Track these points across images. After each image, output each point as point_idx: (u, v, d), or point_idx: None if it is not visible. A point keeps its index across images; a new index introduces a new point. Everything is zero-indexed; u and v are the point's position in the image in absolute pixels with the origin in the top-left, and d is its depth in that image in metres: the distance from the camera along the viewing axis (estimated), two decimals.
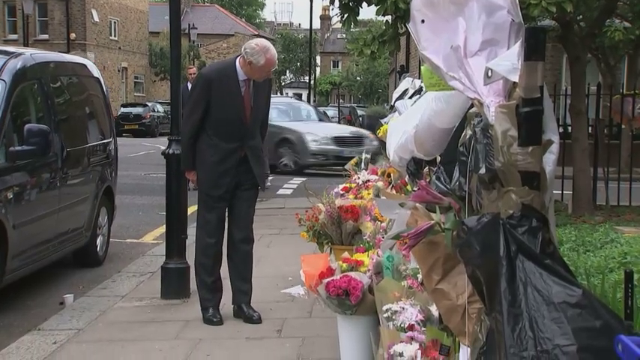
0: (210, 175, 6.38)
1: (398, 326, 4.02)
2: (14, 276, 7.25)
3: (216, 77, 6.41)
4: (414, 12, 2.79)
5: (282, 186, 18.53)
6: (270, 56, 6.22)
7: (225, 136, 6.33)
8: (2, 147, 7.09)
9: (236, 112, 6.31)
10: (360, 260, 5.59)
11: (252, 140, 6.48)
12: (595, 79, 16.41)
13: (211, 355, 5.71)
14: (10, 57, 7.89)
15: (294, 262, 6.60)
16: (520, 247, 2.41)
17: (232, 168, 6.36)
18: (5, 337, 6.37)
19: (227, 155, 6.34)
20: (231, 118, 6.32)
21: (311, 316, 6.55)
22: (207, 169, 6.39)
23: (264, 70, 6.28)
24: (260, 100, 6.47)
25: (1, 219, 6.84)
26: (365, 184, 8.71)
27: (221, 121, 6.32)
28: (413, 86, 6.02)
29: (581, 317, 2.32)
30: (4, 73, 7.54)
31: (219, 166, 6.34)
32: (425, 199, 3.16)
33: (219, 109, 6.28)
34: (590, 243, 6.79)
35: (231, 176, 6.37)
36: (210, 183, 6.40)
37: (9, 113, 7.30)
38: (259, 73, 6.29)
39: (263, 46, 6.26)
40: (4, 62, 7.70)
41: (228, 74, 6.33)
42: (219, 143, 6.33)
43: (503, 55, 2.53)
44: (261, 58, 6.16)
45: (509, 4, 2.63)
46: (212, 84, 6.31)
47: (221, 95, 6.27)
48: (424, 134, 3.74)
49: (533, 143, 2.46)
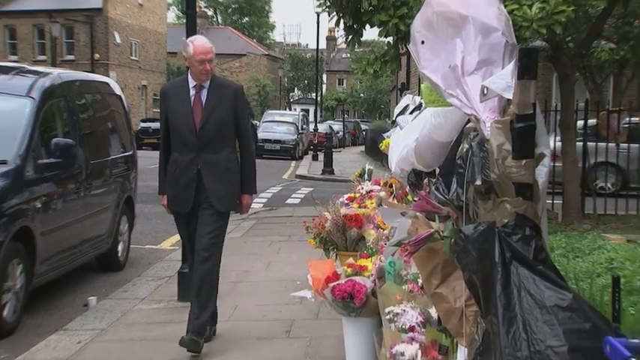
0: (171, 191, 5.86)
1: (399, 327, 4.01)
2: (42, 280, 7.27)
3: (170, 88, 6.06)
4: (414, 33, 2.80)
5: (290, 195, 18.54)
6: (198, 43, 5.71)
7: (179, 148, 5.77)
8: (31, 159, 7.10)
9: (185, 119, 5.71)
10: (364, 265, 5.58)
11: (210, 154, 5.73)
12: (583, 96, 16.42)
13: (225, 353, 5.70)
14: (39, 76, 7.94)
15: (302, 267, 6.60)
16: (514, 253, 2.41)
17: (191, 182, 5.70)
18: (35, 336, 6.38)
19: (183, 169, 5.73)
20: (181, 126, 5.73)
21: (318, 317, 6.54)
22: (169, 185, 5.86)
23: (197, 60, 5.64)
24: (218, 109, 5.72)
25: (30, 226, 6.86)
26: (368, 194, 8.70)
27: (175, 131, 5.77)
28: (413, 102, 6.01)
29: (571, 320, 2.31)
30: (33, 91, 7.57)
31: (177, 181, 5.77)
32: (425, 208, 3.16)
33: (173, 119, 5.77)
34: (579, 249, 6.78)
35: (190, 191, 5.72)
36: (171, 199, 5.87)
37: (38, 128, 7.32)
38: (196, 68, 5.68)
39: (192, 37, 5.94)
40: (34, 81, 7.75)
41: (181, 84, 5.90)
42: (176, 157, 5.77)
43: (498, 74, 2.53)
44: (189, 47, 5.67)
45: (504, 26, 2.63)
46: (167, 95, 5.88)
47: (173, 105, 5.79)
48: (424, 147, 3.74)
49: (526, 156, 2.45)
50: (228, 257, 9.46)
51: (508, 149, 2.45)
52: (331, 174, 24.76)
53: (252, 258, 9.58)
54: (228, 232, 11.65)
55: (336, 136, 45.03)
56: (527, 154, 2.46)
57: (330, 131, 38.57)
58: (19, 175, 6.90)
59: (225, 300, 7.28)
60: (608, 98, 20.40)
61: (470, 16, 2.64)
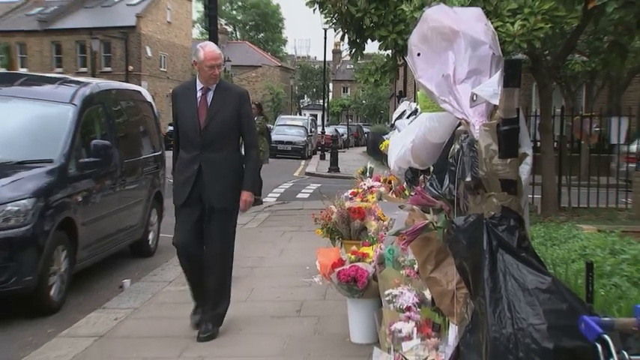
0: (175, 185, 5.53)
1: (397, 307, 4.01)
2: (83, 264, 7.29)
3: (180, 90, 5.67)
4: (411, 47, 2.79)
5: (300, 191, 18.53)
6: (208, 49, 5.41)
7: (185, 145, 5.46)
8: (73, 159, 7.12)
9: (190, 118, 5.40)
10: (366, 253, 5.57)
11: (212, 153, 5.39)
12: (559, 103, 16.41)
13: (243, 330, 5.70)
14: (81, 86, 7.96)
15: (311, 254, 6.60)
16: (500, 242, 2.40)
17: (191, 177, 5.36)
18: (77, 313, 6.39)
19: (186, 165, 5.42)
20: (187, 125, 5.43)
21: (325, 298, 6.52)
22: (174, 179, 5.56)
23: (208, 64, 5.34)
24: (222, 111, 5.41)
25: (73, 217, 6.88)
26: (370, 189, 8.69)
27: (182, 129, 5.47)
28: (409, 108, 5.99)
29: (550, 301, 2.31)
30: (75, 98, 7.59)
31: (180, 176, 5.46)
32: (420, 202, 3.15)
33: (181, 119, 5.48)
34: (556, 238, 6.74)
35: (191, 186, 5.37)
36: (174, 191, 5.53)
37: (79, 131, 7.34)
38: (205, 72, 5.38)
39: (202, 43, 5.58)
40: (76, 90, 7.77)
41: (189, 87, 5.57)
42: (182, 154, 5.48)
43: (485, 82, 2.52)
44: (200, 52, 5.37)
45: (491, 40, 2.63)
46: (177, 96, 5.58)
47: (182, 106, 5.49)
48: (420, 148, 3.72)
49: (511, 156, 2.45)
50: (245, 245, 9.49)
51: (495, 149, 2.44)
52: (337, 172, 24.74)
53: (266, 246, 9.58)
54: (245, 223, 11.76)
55: (341, 138, 45.00)
56: (511, 154, 2.45)
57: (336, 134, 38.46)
58: (63, 172, 6.91)
59: (242, 283, 7.29)
60: (581, 105, 20.36)
61: (461, 31, 2.63)
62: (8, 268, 6.05)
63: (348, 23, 10.14)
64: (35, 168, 6.73)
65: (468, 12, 2.77)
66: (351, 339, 5.31)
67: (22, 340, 5.76)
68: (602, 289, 4.43)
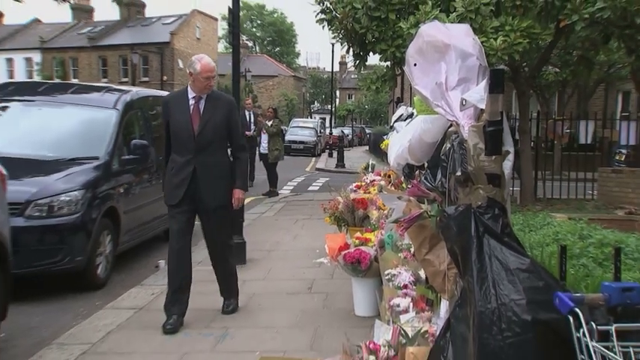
0: (168, 187, 5.14)
1: (396, 285, 3.99)
2: (124, 247, 7.31)
3: (171, 99, 5.35)
4: (408, 58, 2.77)
5: (311, 184, 18.51)
6: (205, 62, 5.05)
7: (178, 150, 5.07)
8: (116, 156, 7.13)
9: (185, 125, 5.03)
10: (368, 238, 5.56)
11: (206, 157, 5.06)
12: (535, 108, 16.33)
13: (262, 304, 5.70)
14: (122, 93, 7.97)
15: (321, 239, 6.58)
16: (486, 228, 2.39)
17: (186, 179, 5.02)
18: (120, 288, 6.42)
19: (180, 168, 5.04)
20: (181, 131, 5.04)
21: (333, 278, 6.52)
22: (167, 182, 5.16)
23: (204, 76, 5.03)
24: (214, 118, 5.08)
25: (116, 206, 6.90)
26: (372, 182, 8.67)
27: (175, 135, 5.08)
28: (406, 112, 5.96)
29: (529, 279, 2.30)
30: (118, 104, 7.61)
31: (174, 178, 5.06)
32: (416, 193, 3.13)
33: (174, 125, 5.08)
34: (533, 225, 6.69)
35: (185, 188, 5.03)
36: (167, 194, 5.16)
37: (121, 132, 7.35)
38: (201, 83, 5.04)
39: (198, 56, 5.17)
40: (118, 97, 7.79)
41: (181, 95, 5.20)
42: (175, 157, 5.08)
43: (473, 89, 2.50)
44: (197, 64, 5.01)
45: (478, 52, 2.60)
46: (169, 105, 5.20)
47: (174, 113, 5.10)
48: (415, 146, 3.70)
49: (495, 153, 2.43)
50: (263, 232, 9.50)
51: (482, 147, 2.43)
52: (343, 167, 24.69)
53: (282, 232, 9.58)
54: (263, 212, 11.76)
55: (347, 138, 44.86)
56: (496, 152, 2.44)
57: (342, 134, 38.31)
58: (108, 167, 6.92)
59: (261, 264, 7.29)
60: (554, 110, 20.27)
61: (452, 44, 2.61)
62: (62, 249, 6.09)
63: (352, 38, 10.09)
64: (84, 164, 6.75)
65: (458, 28, 2.75)
66: (356, 312, 5.31)
67: (75, 310, 5.79)
68: (572, 269, 4.40)
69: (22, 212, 5.90)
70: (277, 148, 14.36)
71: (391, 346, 3.06)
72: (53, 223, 6.05)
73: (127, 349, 4.47)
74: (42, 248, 6.02)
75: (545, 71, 15.22)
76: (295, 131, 36.96)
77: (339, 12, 9.96)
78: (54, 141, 7.11)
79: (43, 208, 6.04)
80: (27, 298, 5.95)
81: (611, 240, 5.25)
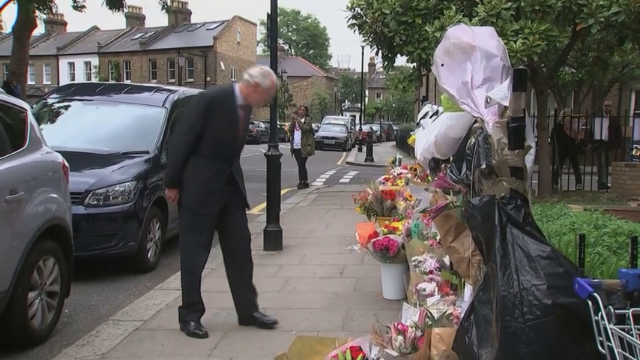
0: (200, 193, 4.38)
1: (422, 271, 3.97)
2: (171, 233, 7.37)
3: (217, 99, 4.46)
4: (436, 59, 2.74)
5: (342, 176, 18.49)
6: (273, 79, 4.50)
7: (218, 156, 4.39)
8: (164, 150, 7.20)
9: (232, 135, 4.44)
10: (396, 227, 5.54)
11: (236, 162, 4.59)
12: (553, 106, 16.05)
13: (297, 287, 5.71)
14: (170, 93, 8.04)
15: (351, 228, 6.58)
16: (509, 218, 2.36)
17: (222, 187, 4.42)
18: (168, 271, 6.49)
19: (217, 174, 4.40)
20: (227, 140, 4.43)
21: (362, 263, 6.51)
22: (197, 188, 4.38)
23: (268, 93, 4.51)
24: (248, 124, 4.66)
25: (164, 196, 6.90)
26: (399, 175, 8.62)
27: (217, 141, 4.36)
28: (431, 110, 5.90)
29: (549, 266, 2.27)
30: (166, 102, 7.68)
31: (209, 185, 4.37)
32: (442, 185, 3.10)
33: (217, 130, 4.34)
34: (550, 216, 6.58)
35: (220, 195, 4.43)
36: (200, 200, 4.38)
37: (169, 128, 7.42)
38: (263, 96, 4.50)
39: (267, 70, 4.53)
40: (167, 96, 7.86)
41: (229, 98, 4.42)
42: (210, 162, 4.37)
43: (497, 87, 2.46)
44: (267, 79, 4.42)
45: (502, 53, 2.56)
46: (214, 105, 4.38)
47: (220, 117, 4.35)
48: (441, 141, 3.66)
49: (518, 147, 2.40)
50: (298, 220, 9.53)
51: (505, 142, 2.39)
52: (371, 161, 24.59)
53: (315, 220, 9.59)
54: (298, 202, 11.78)
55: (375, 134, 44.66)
56: (519, 146, 2.40)
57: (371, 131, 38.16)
58: (157, 161, 7.00)
59: (296, 250, 7.31)
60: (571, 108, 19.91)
61: (477, 46, 2.57)
62: (117, 235, 6.19)
63: (381, 41, 10.03)
64: (136, 158, 6.84)
65: (482, 30, 2.71)
66: (384, 296, 5.29)
67: (128, 290, 5.89)
68: (587, 257, 4.31)
69: (82, 201, 6.01)
70: (309, 143, 14.39)
71: (418, 327, 3.04)
72: (109, 211, 6.15)
73: (175, 326, 4.52)
74: (99, 234, 6.12)
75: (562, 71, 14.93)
76: (327, 128, 36.98)
77: (369, 17, 9.90)
78: (109, 136, 7.21)
79: (100, 198, 6.14)
80: (86, 279, 6.07)
81: (624, 230, 5.14)
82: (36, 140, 4.77)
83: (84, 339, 4.33)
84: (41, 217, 4.39)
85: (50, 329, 4.55)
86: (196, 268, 4.52)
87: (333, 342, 3.10)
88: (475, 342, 2.40)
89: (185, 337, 4.34)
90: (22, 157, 4.45)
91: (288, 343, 3.71)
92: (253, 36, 57.07)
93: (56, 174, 4.82)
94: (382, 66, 11.45)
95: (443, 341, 2.87)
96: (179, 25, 53.33)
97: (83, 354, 4.02)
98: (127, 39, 53.51)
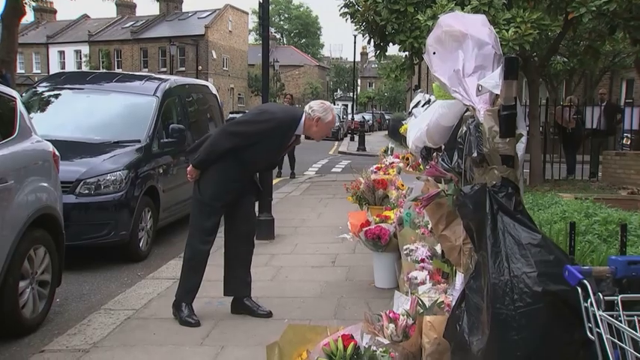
0: (219, 189, 4.39)
1: (413, 259, 3.98)
2: (163, 223, 7.38)
3: (284, 127, 4.37)
4: (428, 47, 2.73)
5: (334, 165, 18.50)
6: (334, 114, 4.50)
7: (252, 167, 4.50)
8: (156, 139, 7.18)
9: (275, 155, 4.66)
10: (388, 215, 5.54)
11: None
12: (544, 95, 16.10)
13: (289, 276, 5.72)
14: (161, 82, 8.01)
15: (343, 217, 6.58)
16: (500, 206, 2.36)
17: (241, 186, 4.48)
18: (159, 260, 6.50)
19: (242, 178, 4.46)
20: (269, 158, 4.59)
21: (354, 252, 6.52)
22: (217, 184, 4.39)
23: (328, 127, 4.47)
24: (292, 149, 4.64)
25: (155, 186, 6.96)
26: (391, 164, 8.63)
27: (260, 156, 4.42)
28: (423, 99, 5.89)
29: (540, 253, 2.28)
30: (157, 91, 7.64)
31: (230, 184, 4.40)
32: (434, 174, 3.10)
33: (265, 148, 4.36)
34: (541, 204, 6.61)
35: (237, 191, 4.47)
36: (215, 195, 4.39)
37: (160, 117, 7.39)
38: (323, 130, 4.44)
39: (328, 105, 4.50)
40: (158, 85, 7.82)
41: (292, 127, 4.37)
42: (242, 168, 4.40)
43: (489, 75, 2.46)
44: (329, 114, 4.39)
45: (493, 41, 2.55)
46: (278, 131, 4.34)
47: (274, 140, 4.37)
48: (433, 130, 3.65)
49: (509, 136, 2.40)
50: (290, 209, 9.52)
51: (496, 130, 2.39)
52: (364, 150, 24.63)
53: (307, 210, 9.60)
54: (290, 191, 11.78)
55: (367, 124, 44.69)
56: (510, 134, 2.40)
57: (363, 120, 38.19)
58: (148, 150, 6.98)
59: (288, 239, 7.32)
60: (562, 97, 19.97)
61: (469, 34, 2.56)
62: (108, 224, 6.17)
63: (373, 30, 9.99)
64: (127, 146, 6.81)
65: (474, 18, 2.69)
66: (376, 284, 5.31)
67: (119, 280, 5.88)
68: (578, 245, 4.34)
69: (73, 190, 5.98)
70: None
71: (409, 315, 3.05)
72: (100, 200, 6.13)
73: (167, 315, 4.52)
74: (90, 223, 6.11)
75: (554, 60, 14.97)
76: None
77: (361, 5, 9.87)
78: (100, 125, 7.18)
79: (92, 187, 6.12)
80: (78, 268, 6.05)
81: (615, 218, 5.17)
82: (25, 129, 4.73)
83: (75, 328, 4.32)
84: (31, 206, 4.36)
85: (41, 318, 4.54)
86: (200, 255, 4.53)
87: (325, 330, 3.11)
88: (466, 329, 2.41)
89: (177, 326, 4.35)
90: (11, 145, 4.42)
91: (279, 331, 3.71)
92: (245, 25, 56.71)
93: (46, 163, 4.79)
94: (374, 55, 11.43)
95: (434, 329, 2.88)
96: (170, 14, 52.91)
97: (75, 343, 4.02)
98: (118, 27, 53.08)
